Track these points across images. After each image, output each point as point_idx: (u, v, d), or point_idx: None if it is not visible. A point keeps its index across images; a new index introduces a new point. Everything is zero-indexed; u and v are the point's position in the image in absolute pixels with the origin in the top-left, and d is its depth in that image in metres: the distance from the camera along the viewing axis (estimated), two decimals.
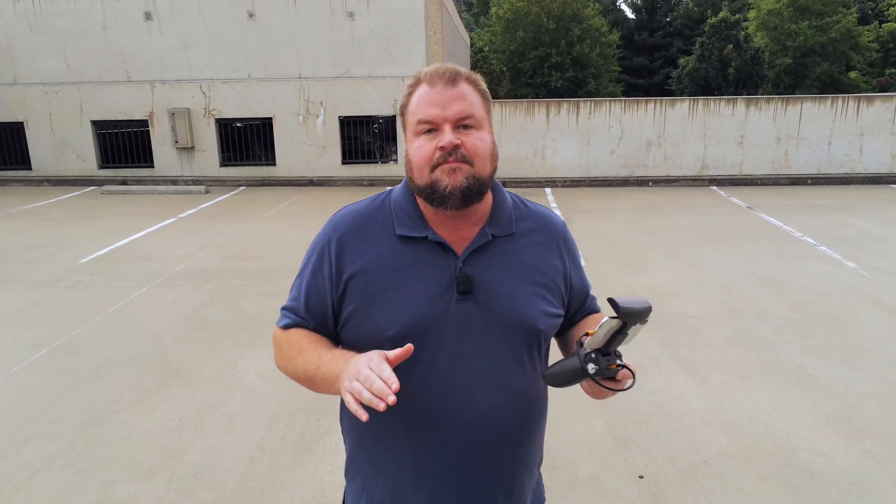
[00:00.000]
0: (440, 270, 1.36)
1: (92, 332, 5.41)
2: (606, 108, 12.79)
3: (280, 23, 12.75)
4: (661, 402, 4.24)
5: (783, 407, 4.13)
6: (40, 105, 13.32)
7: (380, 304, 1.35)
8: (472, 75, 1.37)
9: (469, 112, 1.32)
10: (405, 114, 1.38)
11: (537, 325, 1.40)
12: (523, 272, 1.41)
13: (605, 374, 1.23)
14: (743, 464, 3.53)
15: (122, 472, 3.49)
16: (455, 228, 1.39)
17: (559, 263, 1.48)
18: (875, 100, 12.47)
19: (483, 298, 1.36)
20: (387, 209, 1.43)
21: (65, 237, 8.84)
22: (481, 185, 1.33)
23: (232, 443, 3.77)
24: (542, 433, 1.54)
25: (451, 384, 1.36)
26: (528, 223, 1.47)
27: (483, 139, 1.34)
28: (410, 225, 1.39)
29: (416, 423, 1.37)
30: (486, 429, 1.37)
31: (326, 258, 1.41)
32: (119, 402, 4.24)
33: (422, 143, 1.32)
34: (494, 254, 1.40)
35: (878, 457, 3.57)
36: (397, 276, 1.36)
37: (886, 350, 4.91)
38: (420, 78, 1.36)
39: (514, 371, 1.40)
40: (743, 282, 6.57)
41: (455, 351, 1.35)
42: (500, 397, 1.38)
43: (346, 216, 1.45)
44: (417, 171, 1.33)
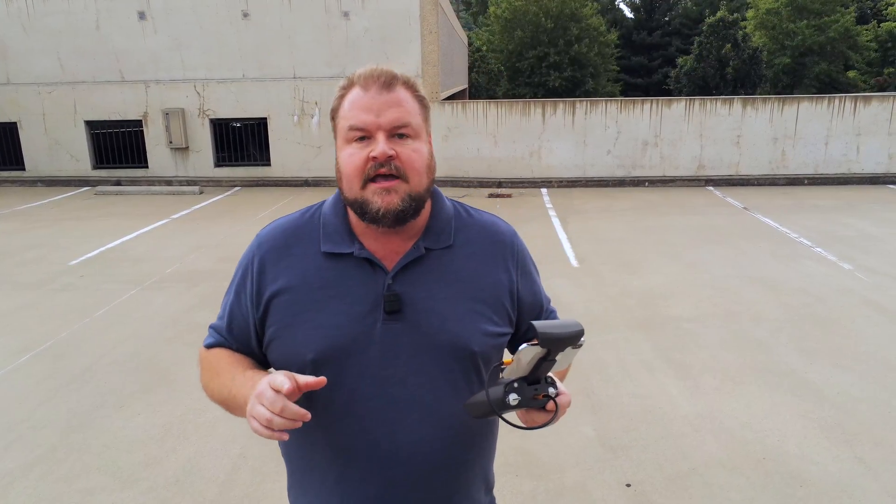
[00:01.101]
0: (367, 288, 1.26)
1: (79, 335, 5.36)
2: (602, 107, 12.74)
3: (275, 22, 12.69)
4: (652, 407, 4.19)
5: (775, 412, 4.08)
6: (34, 105, 13.26)
7: (299, 326, 1.26)
8: (409, 80, 1.27)
9: (405, 120, 1.22)
10: (336, 118, 1.28)
11: (471, 346, 1.28)
12: (460, 288, 1.30)
13: (529, 404, 1.12)
14: (732, 471, 3.48)
15: (103, 480, 3.44)
16: (386, 242, 1.29)
17: (504, 277, 1.36)
18: (872, 100, 12.42)
19: (413, 318, 1.26)
20: (315, 223, 1.34)
21: (56, 238, 8.78)
22: (418, 203, 1.25)
23: (214, 450, 3.71)
24: (485, 459, 1.43)
25: (375, 412, 1.26)
26: (468, 234, 1.36)
27: (419, 150, 1.24)
28: (337, 240, 1.30)
29: (341, 452, 1.29)
30: (411, 461, 1.28)
31: (249, 276, 1.33)
32: (103, 407, 4.19)
33: (353, 151, 1.22)
34: (428, 269, 1.30)
35: (869, 464, 3.52)
36: (320, 295, 1.27)
37: (881, 353, 4.86)
38: (353, 80, 1.26)
39: (446, 398, 1.28)
40: (738, 283, 6.52)
41: (380, 376, 1.26)
42: (428, 427, 1.28)
43: (273, 231, 1.36)
44: (347, 182, 1.24)
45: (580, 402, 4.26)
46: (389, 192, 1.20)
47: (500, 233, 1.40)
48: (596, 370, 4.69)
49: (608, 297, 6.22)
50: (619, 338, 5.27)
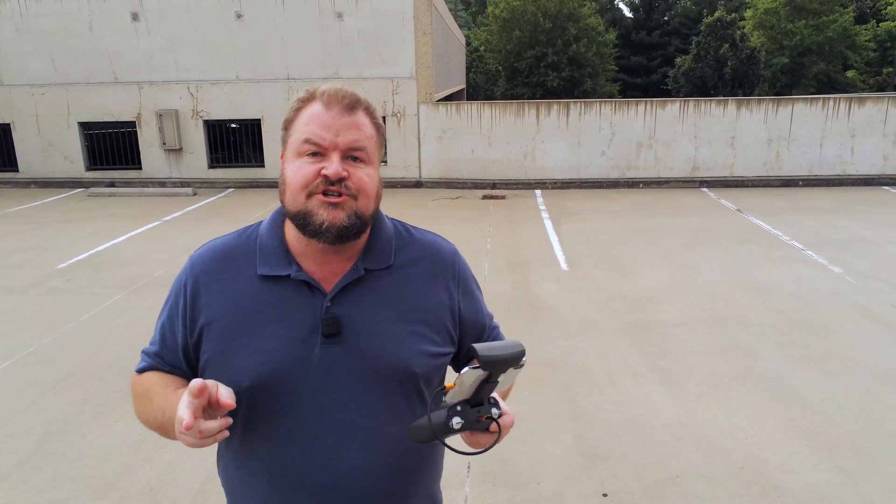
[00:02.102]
0: (305, 312, 1.23)
1: (62, 340, 5.33)
2: (597, 109, 12.70)
3: (268, 23, 12.65)
4: (634, 414, 4.16)
5: (757, 420, 4.05)
6: (27, 106, 13.23)
7: (235, 352, 1.23)
8: (370, 106, 1.27)
9: (362, 144, 1.22)
10: (289, 129, 1.25)
11: (413, 368, 1.26)
12: (400, 309, 1.29)
13: (473, 427, 1.11)
14: (710, 481, 3.45)
15: (76, 490, 3.41)
16: (325, 263, 1.27)
17: (445, 296, 1.34)
18: (867, 101, 12.38)
19: (352, 341, 1.24)
20: (251, 244, 1.31)
21: (46, 241, 8.75)
22: (363, 223, 1.23)
23: (190, 459, 3.68)
24: (430, 480, 1.41)
25: (315, 440, 1.23)
26: (409, 254, 1.35)
27: (371, 175, 1.24)
28: (274, 262, 1.27)
29: (280, 481, 1.26)
30: (353, 489, 1.25)
31: (182, 300, 1.29)
32: (81, 415, 4.16)
33: (303, 164, 1.20)
34: (368, 290, 1.28)
35: (849, 473, 3.49)
36: (256, 319, 1.24)
37: (867, 359, 4.83)
38: (315, 95, 1.24)
39: (386, 422, 1.26)
40: (728, 287, 6.49)
41: (319, 402, 1.23)
42: (369, 454, 1.25)
43: (206, 253, 1.32)
44: (292, 194, 1.21)
45: (562, 409, 4.24)
46: (336, 206, 1.19)
47: (441, 252, 1.38)
48: (580, 376, 4.66)
49: (596, 302, 6.19)
50: (606, 343, 5.24)
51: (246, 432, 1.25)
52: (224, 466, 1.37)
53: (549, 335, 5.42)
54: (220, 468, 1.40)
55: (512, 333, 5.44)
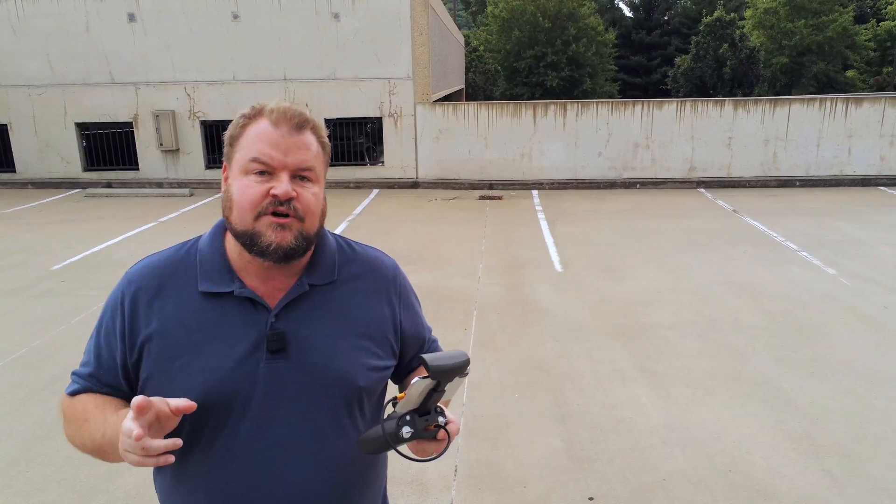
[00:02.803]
0: (248, 328, 1.23)
1: (53, 343, 5.33)
2: (594, 109, 12.69)
3: (265, 24, 12.65)
4: (623, 417, 4.16)
5: (745, 423, 4.05)
6: (24, 107, 13.23)
7: (176, 371, 1.21)
8: (317, 125, 1.27)
9: (310, 164, 1.23)
10: (234, 145, 1.24)
11: (357, 381, 1.28)
12: (345, 324, 1.30)
13: (421, 435, 1.14)
14: (697, 484, 3.45)
15: (62, 493, 3.41)
16: (268, 279, 1.26)
17: (387, 311, 1.37)
18: (864, 101, 12.37)
19: (297, 356, 1.24)
20: (191, 260, 1.30)
21: (41, 242, 8.75)
22: (308, 243, 1.24)
23: None
24: (374, 491, 1.41)
25: (257, 456, 1.23)
26: (352, 269, 1.36)
27: (317, 195, 1.25)
28: (216, 278, 1.26)
29: (220, 498, 1.24)
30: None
31: (119, 318, 1.26)
32: None
33: (250, 183, 1.20)
34: (313, 305, 1.28)
35: (836, 477, 3.48)
36: (198, 337, 1.22)
37: (857, 363, 4.82)
38: (261, 112, 1.23)
39: (329, 436, 1.26)
40: (720, 289, 6.48)
41: (262, 418, 1.23)
42: (311, 468, 1.25)
43: (144, 269, 1.30)
44: (239, 213, 1.21)
45: (550, 411, 4.23)
46: (284, 228, 1.19)
47: (382, 267, 1.42)
48: (569, 379, 4.66)
49: (589, 304, 6.18)
50: (596, 346, 5.23)
51: (186, 449, 1.21)
52: (162, 483, 1.34)
53: (541, 337, 5.42)
54: (157, 484, 1.36)
55: (504, 336, 5.45)
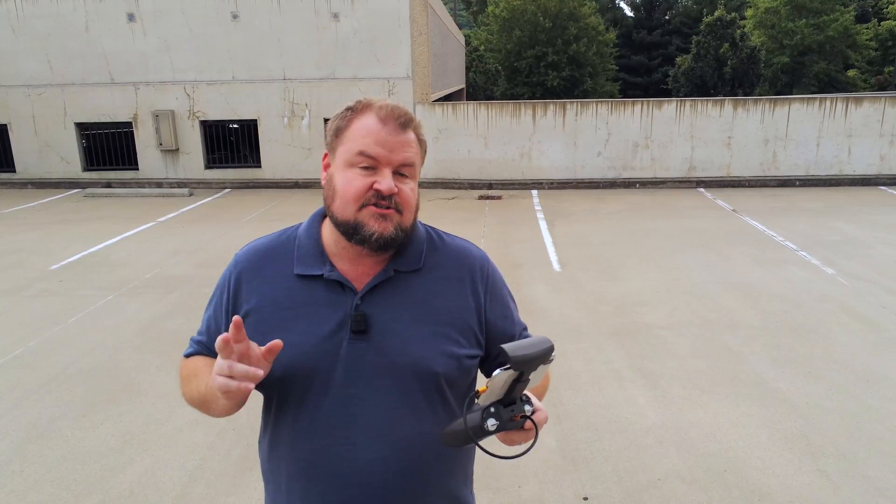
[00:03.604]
0: (335, 309, 1.31)
1: (49, 343, 5.33)
2: (593, 109, 12.68)
3: (264, 24, 12.65)
4: (618, 417, 4.15)
5: (741, 423, 4.04)
6: (23, 107, 13.24)
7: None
8: (418, 123, 1.35)
9: (412, 161, 1.30)
10: (339, 136, 1.31)
11: (434, 368, 1.31)
12: (425, 310, 1.34)
13: (507, 426, 1.13)
14: (691, 484, 3.44)
15: (56, 493, 3.41)
16: (359, 264, 1.34)
17: (472, 300, 1.40)
18: (863, 101, 12.35)
19: (377, 338, 1.30)
20: (290, 244, 1.40)
21: (40, 242, 8.76)
22: (405, 235, 1.32)
23: (172, 462, 3.68)
24: (453, 485, 1.42)
25: (336, 430, 1.30)
26: (438, 258, 1.41)
27: (414, 190, 1.33)
28: (309, 262, 1.35)
29: (303, 469, 1.33)
30: (368, 481, 1.30)
31: (226, 294, 1.40)
32: (64, 418, 4.16)
33: (355, 176, 1.27)
34: (396, 291, 1.34)
35: (831, 477, 3.47)
36: (288, 315, 1.32)
37: (854, 362, 4.81)
38: (370, 107, 1.30)
39: (403, 418, 1.30)
40: (717, 289, 6.47)
41: (343, 395, 1.30)
42: (384, 448, 1.30)
43: (249, 252, 1.43)
44: (342, 203, 1.28)
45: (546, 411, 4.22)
46: (385, 218, 1.27)
47: (470, 258, 1.44)
48: (565, 379, 4.65)
49: (585, 304, 6.17)
50: (592, 346, 5.23)
51: (276, 419, 1.35)
52: (261, 451, 1.46)
53: None
54: (259, 451, 1.48)
55: None
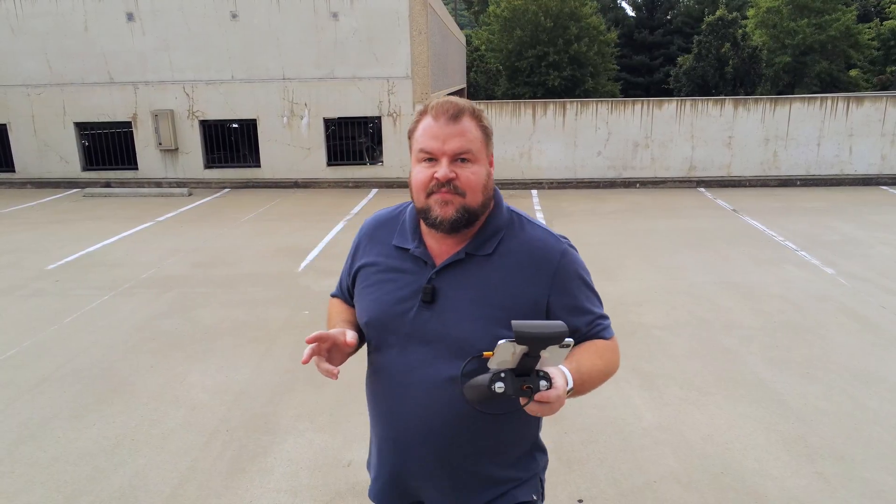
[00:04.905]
0: (414, 278, 1.54)
1: (43, 343, 5.31)
2: (593, 108, 12.64)
3: (263, 23, 12.63)
4: (614, 418, 4.12)
5: (738, 424, 4.01)
6: (23, 107, 13.22)
7: (364, 297, 1.61)
8: (475, 111, 1.49)
9: (466, 148, 1.45)
10: (411, 139, 1.52)
11: (478, 345, 1.43)
12: (485, 293, 1.49)
13: (519, 394, 1.24)
14: (687, 487, 3.41)
15: (45, 494, 3.38)
16: (442, 243, 1.54)
17: (534, 290, 1.51)
18: (865, 100, 12.30)
19: (439, 310, 1.50)
20: (399, 218, 1.65)
21: (38, 242, 8.74)
22: (470, 215, 1.47)
23: (164, 463, 3.66)
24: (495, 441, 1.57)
25: (395, 380, 1.56)
26: (512, 245, 1.53)
27: (477, 173, 1.46)
28: (405, 236, 1.59)
29: (374, 398, 1.65)
30: (412, 423, 1.54)
31: (352, 253, 1.72)
32: (56, 418, 4.14)
33: (421, 169, 1.47)
34: (464, 271, 1.51)
35: (828, 479, 3.44)
36: (381, 276, 1.59)
37: (852, 364, 4.77)
38: (427, 109, 1.49)
39: (446, 385, 1.49)
40: (715, 289, 6.43)
41: (405, 351, 1.54)
42: (430, 400, 1.51)
43: (372, 219, 1.71)
44: (415, 193, 1.49)
45: None
46: (447, 203, 1.45)
47: (543, 248, 1.55)
48: None
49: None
50: None
51: (368, 354, 1.69)
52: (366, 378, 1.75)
53: None
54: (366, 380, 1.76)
55: None
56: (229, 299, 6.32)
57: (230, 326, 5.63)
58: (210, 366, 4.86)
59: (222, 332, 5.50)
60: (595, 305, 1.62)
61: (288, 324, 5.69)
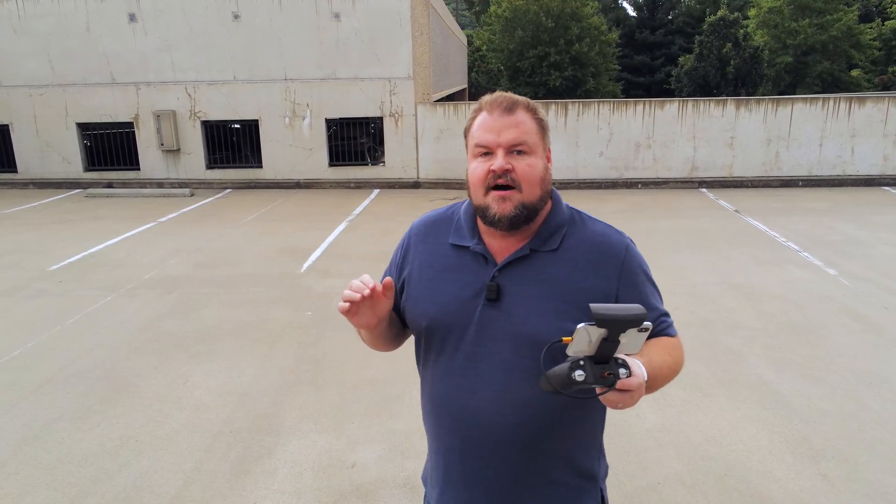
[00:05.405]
0: (475, 276, 1.50)
1: (47, 344, 5.32)
2: (595, 109, 12.64)
3: (265, 24, 12.64)
4: (618, 420, 4.11)
5: (741, 426, 4.01)
6: (25, 107, 13.25)
7: (419, 299, 1.56)
8: (530, 104, 1.47)
9: (521, 139, 1.43)
10: (467, 136, 1.50)
11: (551, 340, 1.39)
12: (552, 288, 1.46)
13: (598, 382, 1.21)
14: (691, 488, 3.41)
15: (50, 496, 3.39)
16: (502, 240, 1.51)
17: (602, 284, 1.48)
18: (867, 101, 12.29)
19: (506, 308, 1.47)
20: (452, 218, 1.61)
21: (40, 242, 8.75)
22: (529, 211, 1.44)
23: (168, 464, 3.66)
24: (571, 449, 1.55)
25: (463, 380, 1.51)
26: (576, 240, 1.51)
27: (533, 165, 1.44)
28: (462, 235, 1.56)
29: (436, 405, 1.57)
30: (485, 427, 1.49)
31: (399, 255, 1.67)
32: (60, 420, 4.14)
33: (477, 164, 1.45)
34: (529, 268, 1.49)
35: (832, 481, 3.44)
36: (439, 277, 1.55)
37: (854, 364, 4.77)
38: (481, 105, 1.48)
39: (518, 382, 1.46)
40: (717, 290, 6.43)
41: (472, 351, 1.49)
42: (501, 402, 1.47)
43: (421, 221, 1.67)
44: (473, 190, 1.47)
45: None
46: (505, 200, 1.43)
47: (607, 243, 1.53)
48: None
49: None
50: None
51: (424, 360, 1.62)
52: (420, 384, 1.70)
53: None
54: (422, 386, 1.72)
55: None
56: (232, 300, 6.33)
57: (233, 327, 5.64)
58: (213, 367, 4.87)
59: (225, 333, 5.51)
60: (659, 302, 1.60)
61: (290, 325, 5.70)
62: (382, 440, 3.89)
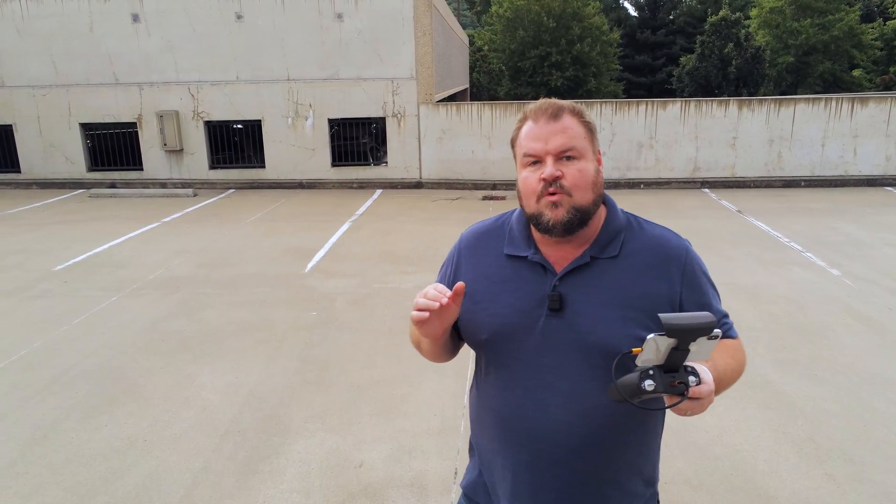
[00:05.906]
0: (535, 287, 1.48)
1: (53, 344, 5.33)
2: (597, 109, 12.66)
3: (267, 24, 12.66)
4: None
5: (747, 426, 4.02)
6: (28, 108, 13.27)
7: (477, 312, 1.52)
8: (576, 108, 1.45)
9: (569, 145, 1.41)
10: (514, 146, 1.49)
11: (620, 347, 1.39)
12: (615, 295, 1.44)
13: (668, 391, 1.21)
14: (697, 489, 3.43)
15: (60, 495, 3.41)
16: (559, 249, 1.49)
17: (665, 288, 1.47)
18: (869, 101, 12.30)
19: (570, 317, 1.44)
20: (504, 228, 1.59)
21: (44, 243, 8.77)
22: (582, 215, 1.42)
23: (177, 464, 3.68)
24: (637, 458, 1.54)
25: (527, 392, 1.48)
26: (635, 245, 1.49)
27: (583, 169, 1.42)
28: (518, 244, 1.53)
29: (501, 419, 1.53)
30: (554, 439, 1.46)
31: (450, 267, 1.64)
32: (68, 419, 4.16)
33: (527, 174, 1.44)
34: (591, 275, 1.46)
35: (838, 481, 3.45)
36: (496, 288, 1.51)
37: (859, 365, 4.78)
38: (526, 114, 1.47)
39: (591, 391, 1.44)
40: (720, 290, 6.40)
41: (537, 362, 1.47)
42: (571, 413, 1.45)
43: (471, 233, 1.65)
44: (525, 199, 1.46)
45: None
46: (557, 206, 1.41)
47: (667, 247, 1.51)
48: None
49: None
50: None
51: (484, 374, 1.58)
52: (470, 400, 1.70)
53: None
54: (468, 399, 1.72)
55: None
56: (236, 300, 6.35)
57: (238, 327, 5.65)
58: (219, 367, 4.89)
59: (230, 333, 5.53)
60: (719, 304, 1.58)
61: (295, 325, 5.71)
62: (389, 440, 3.90)
